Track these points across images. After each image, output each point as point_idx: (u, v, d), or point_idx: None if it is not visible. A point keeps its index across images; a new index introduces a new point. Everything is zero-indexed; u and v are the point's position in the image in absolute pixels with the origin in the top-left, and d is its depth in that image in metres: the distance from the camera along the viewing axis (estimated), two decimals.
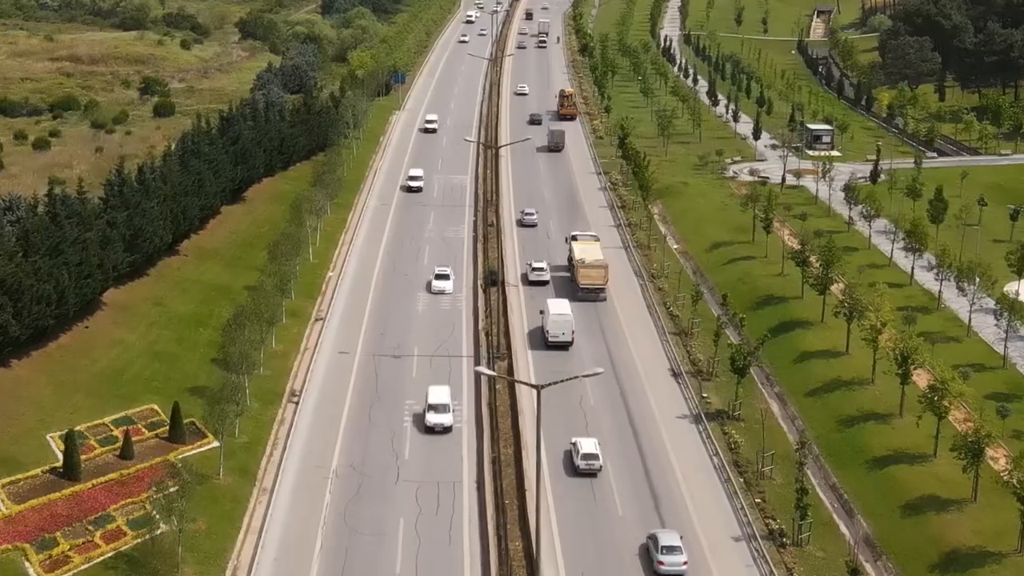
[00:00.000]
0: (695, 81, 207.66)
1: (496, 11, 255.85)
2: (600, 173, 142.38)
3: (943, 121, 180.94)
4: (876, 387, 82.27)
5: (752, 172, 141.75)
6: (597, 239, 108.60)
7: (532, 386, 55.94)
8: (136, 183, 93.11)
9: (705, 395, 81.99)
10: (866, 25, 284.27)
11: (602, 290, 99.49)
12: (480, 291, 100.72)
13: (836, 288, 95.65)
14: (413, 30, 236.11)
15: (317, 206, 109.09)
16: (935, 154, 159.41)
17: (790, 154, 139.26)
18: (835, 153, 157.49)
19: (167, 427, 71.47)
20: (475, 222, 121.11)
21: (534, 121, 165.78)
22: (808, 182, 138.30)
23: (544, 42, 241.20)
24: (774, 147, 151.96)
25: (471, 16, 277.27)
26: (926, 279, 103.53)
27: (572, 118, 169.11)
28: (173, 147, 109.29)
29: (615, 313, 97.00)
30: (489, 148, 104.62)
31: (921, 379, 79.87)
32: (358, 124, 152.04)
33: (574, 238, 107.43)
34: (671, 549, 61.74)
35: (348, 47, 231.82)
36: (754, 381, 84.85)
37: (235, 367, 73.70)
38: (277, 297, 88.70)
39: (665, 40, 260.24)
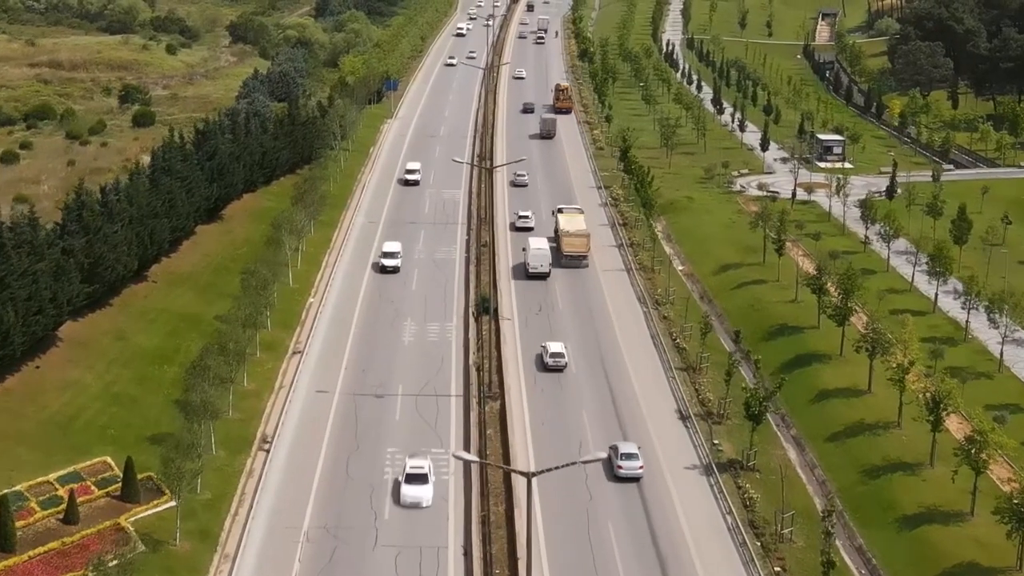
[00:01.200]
0: (699, 88, 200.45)
1: (489, 24, 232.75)
2: (600, 187, 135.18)
3: (957, 130, 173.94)
4: (903, 432, 75.10)
5: (761, 186, 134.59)
6: (581, 211, 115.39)
7: (523, 474, 48.74)
8: (99, 205, 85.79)
9: (716, 442, 74.76)
10: (873, 29, 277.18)
11: (584, 257, 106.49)
12: (471, 320, 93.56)
13: (857, 319, 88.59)
14: (408, 34, 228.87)
15: (297, 227, 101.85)
16: (951, 166, 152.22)
17: (800, 167, 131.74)
18: (847, 165, 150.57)
19: (120, 484, 64.24)
20: (468, 241, 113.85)
21: (527, 110, 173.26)
22: (820, 197, 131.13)
23: (542, 39, 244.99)
24: (785, 161, 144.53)
25: (462, 29, 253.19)
26: (950, 305, 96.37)
27: (568, 111, 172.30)
28: (142, 163, 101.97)
29: (616, 344, 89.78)
30: (483, 168, 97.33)
31: (952, 422, 72.92)
32: (346, 135, 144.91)
33: (560, 211, 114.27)
34: (629, 455, 69.98)
35: (340, 52, 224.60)
36: (769, 423, 77.47)
37: (196, 417, 66.39)
38: (250, 331, 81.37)
39: (667, 45, 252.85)
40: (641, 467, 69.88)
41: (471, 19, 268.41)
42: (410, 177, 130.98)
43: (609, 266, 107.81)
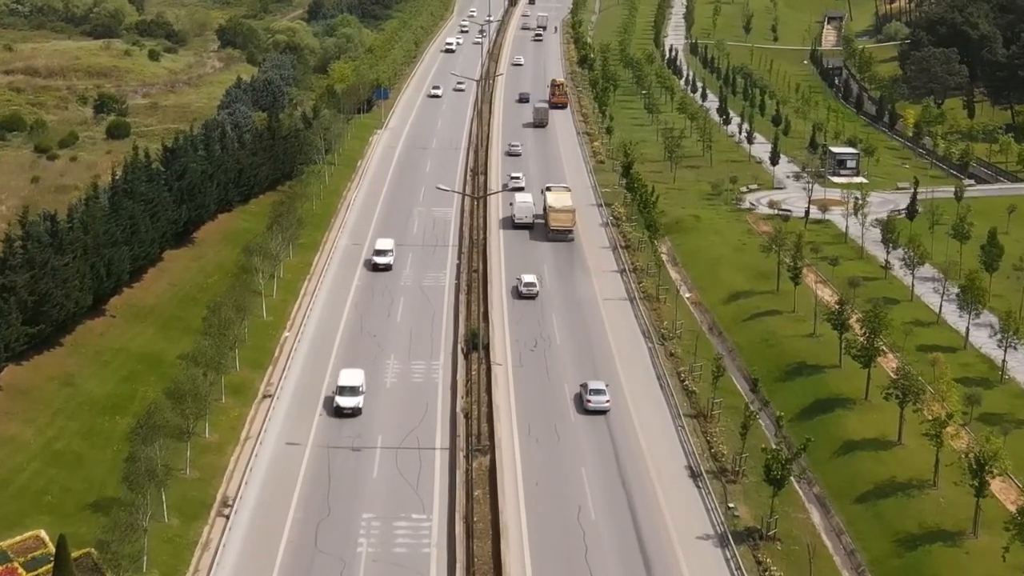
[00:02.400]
0: (704, 96, 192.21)
1: (480, 41, 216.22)
2: (601, 205, 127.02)
3: (975, 141, 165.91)
4: (940, 493, 67.00)
5: (772, 204, 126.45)
6: (568, 189, 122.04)
7: None
8: (47, 235, 77.67)
9: (731, 505, 66.66)
10: (881, 33, 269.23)
11: (570, 231, 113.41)
12: (460, 357, 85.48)
13: (884, 359, 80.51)
14: (401, 39, 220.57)
15: (272, 253, 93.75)
16: (972, 181, 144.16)
17: (813, 183, 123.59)
18: (860, 179, 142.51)
19: (51, 564, 56.04)
20: (459, 266, 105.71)
21: (523, 99, 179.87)
22: (835, 216, 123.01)
23: (540, 36, 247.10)
24: (798, 177, 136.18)
25: (451, 44, 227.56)
26: (982, 340, 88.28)
27: (563, 106, 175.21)
28: (102, 184, 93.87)
29: (620, 389, 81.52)
30: (475, 197, 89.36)
31: (996, 483, 64.96)
32: (332, 148, 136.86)
33: (548, 188, 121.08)
34: (597, 391, 76.81)
35: (331, 57, 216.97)
36: (789, 480, 69.42)
37: (140, 488, 58.22)
38: (212, 376, 73.35)
39: (670, 51, 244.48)
40: (608, 401, 75.95)
41: (463, 31, 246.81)
42: (380, 260, 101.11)
43: (611, 294, 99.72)
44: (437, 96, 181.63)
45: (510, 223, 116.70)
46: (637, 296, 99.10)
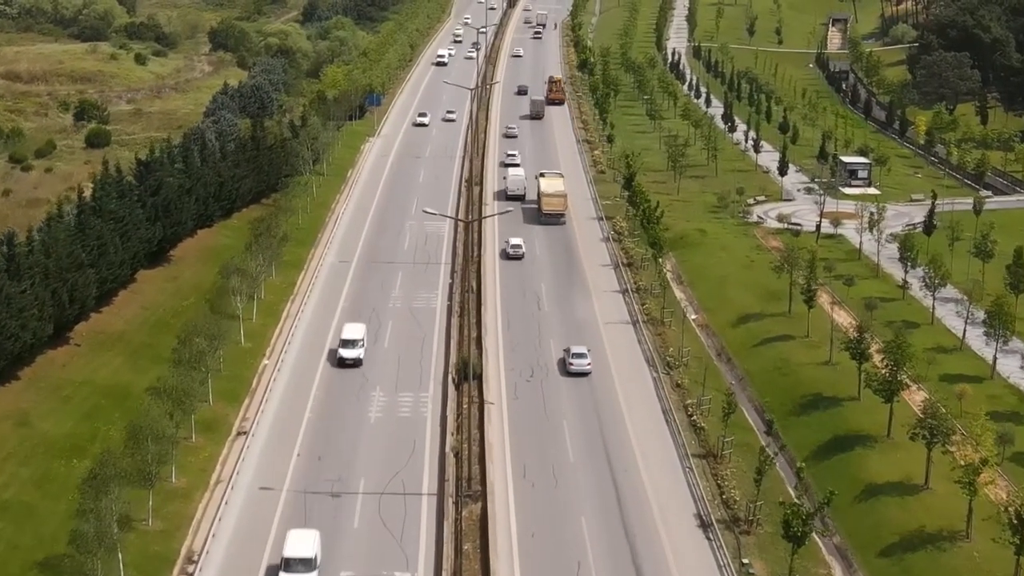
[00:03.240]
0: (708, 102, 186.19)
1: (473, 56, 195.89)
2: (602, 219, 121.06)
3: (990, 149, 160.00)
4: (974, 546, 61.25)
5: (781, 218, 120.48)
6: (561, 176, 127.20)
7: None
8: (3, 259, 71.79)
9: (746, 561, 60.78)
10: (888, 36, 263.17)
11: (561, 215, 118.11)
12: (451, 388, 79.60)
13: (908, 393, 74.65)
14: (397, 41, 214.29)
15: (252, 274, 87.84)
16: (988, 192, 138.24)
17: (825, 196, 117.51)
18: (872, 191, 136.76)
19: None
20: (451, 286, 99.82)
21: (521, 92, 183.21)
22: (849, 230, 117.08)
23: (539, 34, 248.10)
24: (809, 192, 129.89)
25: (443, 57, 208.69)
26: (1011, 369, 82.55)
27: (560, 103, 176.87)
28: (67, 204, 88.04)
29: (623, 422, 75.72)
30: (466, 222, 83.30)
31: None
32: (320, 157, 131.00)
33: (542, 175, 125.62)
34: (579, 355, 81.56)
35: (324, 61, 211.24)
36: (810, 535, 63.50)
37: (89, 552, 52.31)
38: (179, 415, 67.46)
39: (673, 54, 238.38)
40: (589, 364, 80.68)
41: (456, 40, 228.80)
42: (347, 354, 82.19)
43: (613, 317, 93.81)
44: (424, 125, 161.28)
45: (503, 195, 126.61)
46: (640, 319, 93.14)
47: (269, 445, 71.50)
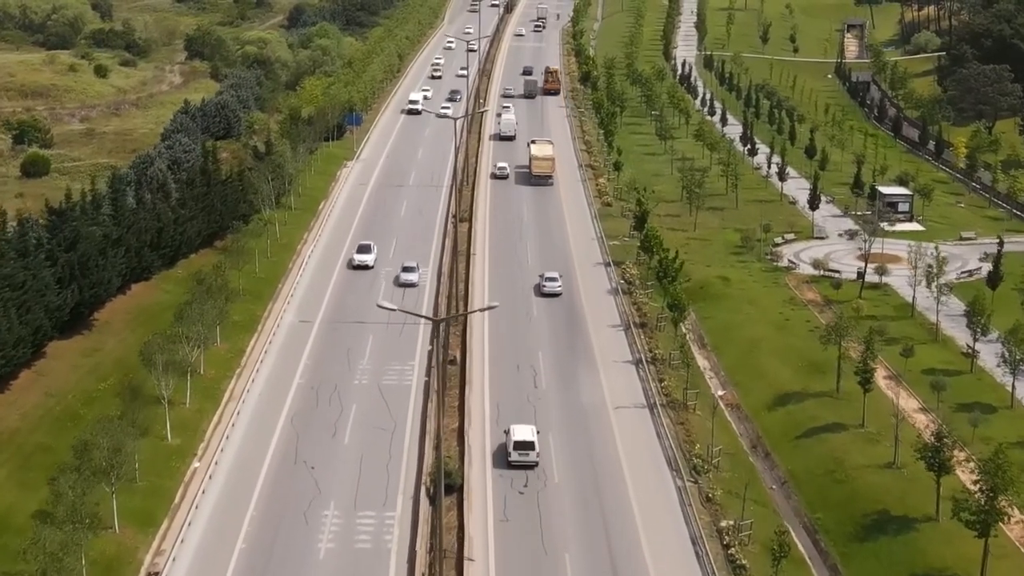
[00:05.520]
0: (723, 120, 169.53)
1: (465, 74, 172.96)
2: (609, 264, 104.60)
3: None
4: None
5: (817, 264, 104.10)
6: (551, 143, 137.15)
7: None
8: None
9: None
10: (910, 44, 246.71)
11: (550, 176, 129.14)
12: (425, 503, 63.33)
13: (1008, 526, 58.50)
14: (384, 50, 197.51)
15: (180, 355, 71.50)
16: None
17: (862, 234, 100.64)
18: (915, 226, 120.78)
19: None
20: (431, 353, 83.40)
21: (527, 72, 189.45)
22: (896, 278, 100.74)
23: (540, 27, 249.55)
24: (852, 238, 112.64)
25: (416, 103, 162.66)
26: None
27: (556, 92, 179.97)
28: None
29: (639, 555, 59.37)
30: (437, 321, 66.25)
31: None
32: (286, 189, 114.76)
33: (533, 142, 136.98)
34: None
35: (305, 72, 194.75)
36: None
37: None
38: (68, 557, 51.28)
39: (683, 65, 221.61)
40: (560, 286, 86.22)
41: (434, 75, 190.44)
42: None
43: (624, 398, 77.38)
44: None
45: (497, 137, 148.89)
46: (658, 402, 76.72)
47: None
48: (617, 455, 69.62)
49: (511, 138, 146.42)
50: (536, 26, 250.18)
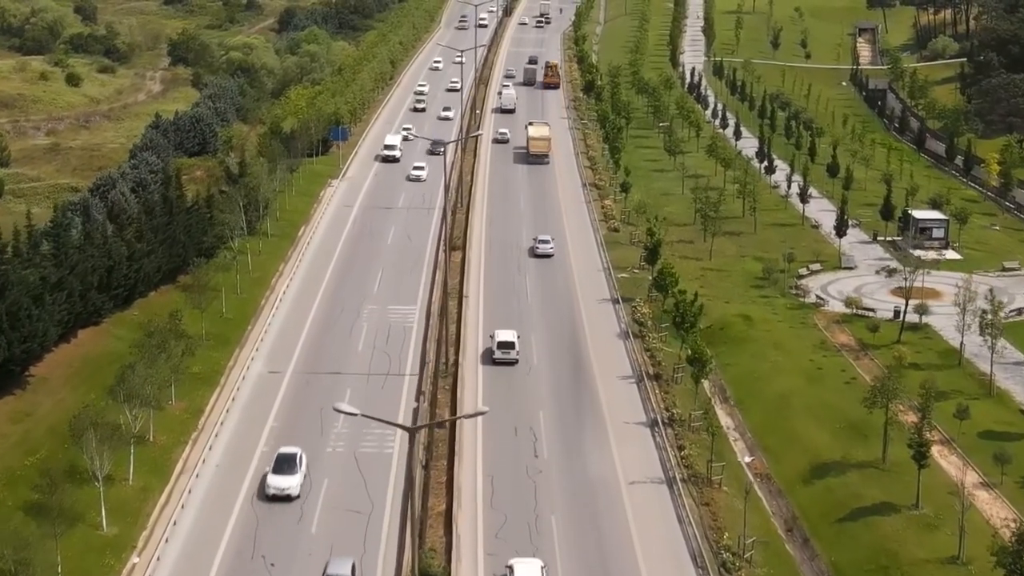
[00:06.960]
0: (737, 133, 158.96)
1: (457, 87, 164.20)
2: (618, 301, 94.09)
3: None
4: None
5: (850, 302, 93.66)
6: (547, 125, 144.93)
7: None
8: None
9: None
10: (927, 49, 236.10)
11: (546, 155, 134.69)
12: None
13: None
14: (376, 56, 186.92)
15: (118, 431, 61.00)
16: None
17: (913, 276, 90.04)
18: (951, 255, 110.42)
19: None
20: (416, 411, 72.95)
21: (532, 61, 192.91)
22: (937, 316, 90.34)
23: (541, 23, 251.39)
24: (890, 273, 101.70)
25: (393, 148, 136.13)
26: None
27: (556, 87, 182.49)
28: None
29: None
30: (416, 429, 54.89)
31: None
32: (263, 215, 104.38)
33: (530, 123, 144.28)
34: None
35: (292, 79, 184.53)
36: None
37: None
38: None
39: (691, 73, 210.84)
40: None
41: (417, 106, 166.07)
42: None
43: (638, 472, 66.84)
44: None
45: (499, 110, 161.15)
46: (678, 476, 66.23)
47: None
48: (632, 547, 59.12)
49: (511, 111, 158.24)
50: (538, 22, 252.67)
